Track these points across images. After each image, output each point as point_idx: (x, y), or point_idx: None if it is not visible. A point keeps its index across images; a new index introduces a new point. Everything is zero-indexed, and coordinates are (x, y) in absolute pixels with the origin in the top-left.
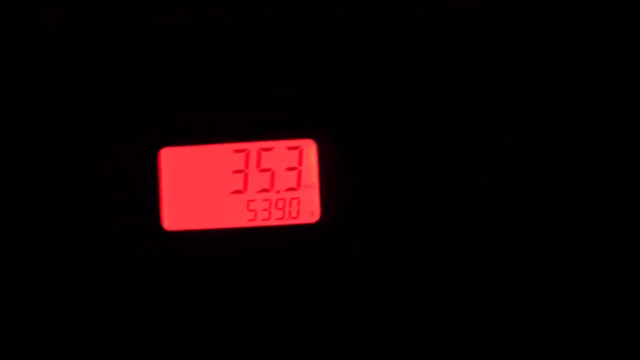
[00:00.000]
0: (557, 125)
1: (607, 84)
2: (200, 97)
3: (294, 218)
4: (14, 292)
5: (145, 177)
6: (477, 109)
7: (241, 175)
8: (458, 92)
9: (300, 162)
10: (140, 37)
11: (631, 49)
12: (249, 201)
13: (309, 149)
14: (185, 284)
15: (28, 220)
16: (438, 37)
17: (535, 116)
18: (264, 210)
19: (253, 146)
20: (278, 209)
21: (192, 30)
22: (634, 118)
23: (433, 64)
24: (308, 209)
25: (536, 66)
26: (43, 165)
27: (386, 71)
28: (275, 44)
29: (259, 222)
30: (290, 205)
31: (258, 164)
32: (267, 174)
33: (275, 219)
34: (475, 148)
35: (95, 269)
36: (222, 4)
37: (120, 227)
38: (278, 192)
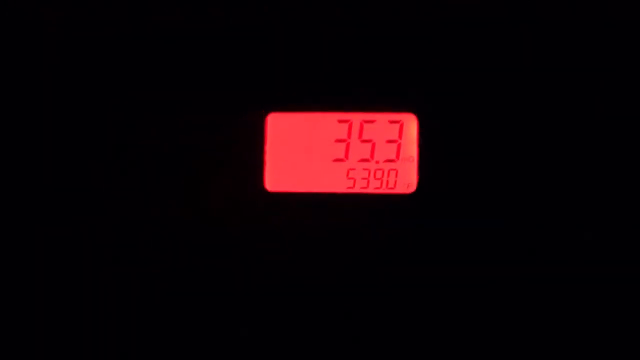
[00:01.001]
0: None
1: (607, 86)
2: (308, 68)
3: (390, 188)
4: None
5: (252, 141)
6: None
7: (343, 145)
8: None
9: (400, 136)
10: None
11: (631, 49)
12: (349, 169)
13: (410, 123)
14: (282, 243)
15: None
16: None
17: None
18: (363, 179)
19: (356, 117)
20: (376, 179)
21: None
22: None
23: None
24: (405, 180)
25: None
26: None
27: (490, 51)
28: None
29: (357, 190)
30: (389, 175)
31: (360, 135)
32: (368, 145)
33: (373, 188)
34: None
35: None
36: None
37: (226, 188)
38: (377, 162)
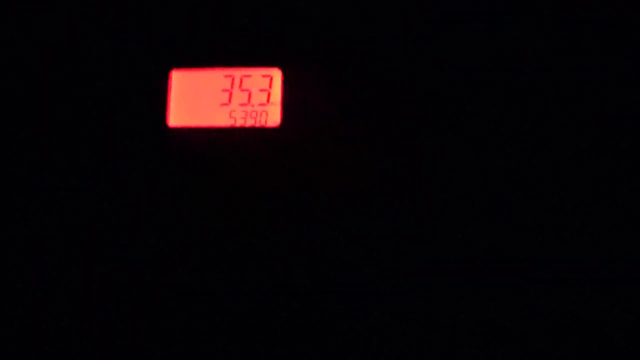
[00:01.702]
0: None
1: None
2: (205, 33)
3: (262, 124)
4: None
5: (159, 91)
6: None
7: (227, 93)
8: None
9: (270, 86)
10: None
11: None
12: (231, 111)
13: (276, 76)
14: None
15: None
16: None
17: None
18: (242, 118)
19: (237, 72)
20: (251, 118)
21: None
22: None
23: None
24: (273, 118)
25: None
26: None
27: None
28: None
29: (237, 125)
30: (261, 115)
31: (240, 86)
32: (246, 93)
33: (249, 124)
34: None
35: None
36: None
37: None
38: (252, 105)
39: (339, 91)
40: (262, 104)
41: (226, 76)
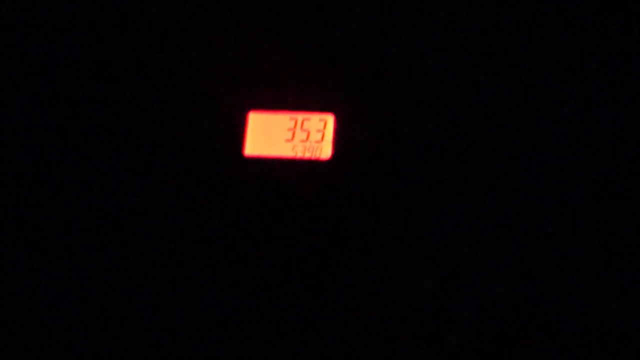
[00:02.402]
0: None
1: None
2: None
3: (317, 157)
4: None
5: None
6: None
7: (291, 131)
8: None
9: (324, 127)
10: None
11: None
12: (293, 146)
13: (330, 119)
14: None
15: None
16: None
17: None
18: (301, 150)
19: (300, 115)
20: (308, 151)
21: None
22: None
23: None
24: (325, 152)
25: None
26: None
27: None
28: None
29: (297, 157)
30: (316, 150)
31: (302, 126)
32: (305, 132)
33: (306, 156)
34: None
35: None
36: None
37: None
38: (310, 142)
39: (382, 134)
40: (317, 142)
41: (291, 119)
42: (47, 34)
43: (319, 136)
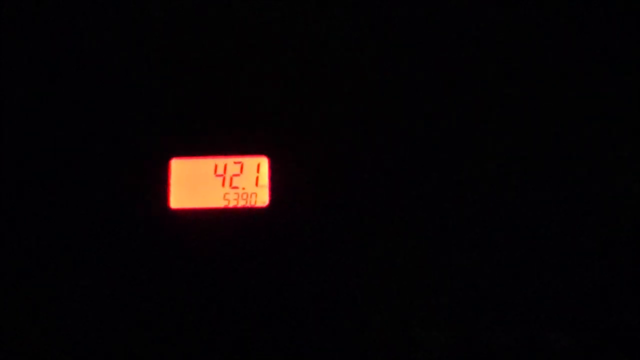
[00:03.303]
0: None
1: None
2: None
3: (252, 205)
4: None
5: (161, 176)
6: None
7: (221, 178)
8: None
9: (258, 170)
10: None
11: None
12: (225, 193)
13: (264, 163)
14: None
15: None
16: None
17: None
18: (234, 199)
19: (229, 160)
20: (243, 199)
21: None
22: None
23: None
24: (261, 199)
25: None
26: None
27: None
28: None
29: (231, 206)
30: (250, 197)
31: (232, 172)
32: (238, 177)
33: (240, 205)
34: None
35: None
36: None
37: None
38: (244, 188)
39: (318, 175)
40: (251, 188)
41: (218, 164)
42: None
43: (252, 182)
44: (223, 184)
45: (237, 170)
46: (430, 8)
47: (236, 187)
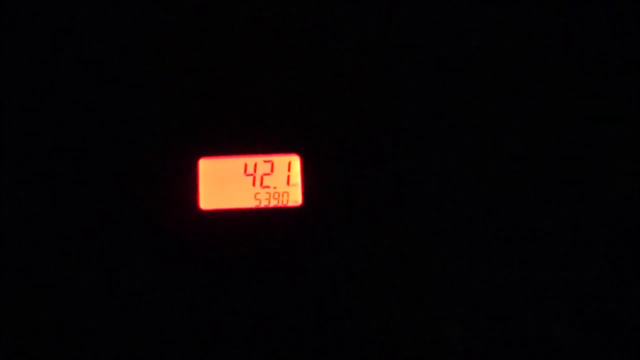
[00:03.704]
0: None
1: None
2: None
3: (284, 204)
4: None
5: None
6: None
7: (251, 177)
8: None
9: (289, 169)
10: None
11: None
12: (255, 193)
13: (295, 161)
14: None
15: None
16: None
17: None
18: (265, 199)
19: (259, 158)
20: (274, 199)
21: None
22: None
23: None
24: (293, 198)
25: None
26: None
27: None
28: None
29: (262, 206)
30: (282, 196)
31: (263, 170)
32: (269, 176)
33: (272, 204)
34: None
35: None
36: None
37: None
38: (275, 188)
39: (352, 173)
40: (283, 187)
41: (248, 163)
42: None
43: (284, 180)
44: (253, 184)
45: (268, 169)
46: None
47: (267, 187)
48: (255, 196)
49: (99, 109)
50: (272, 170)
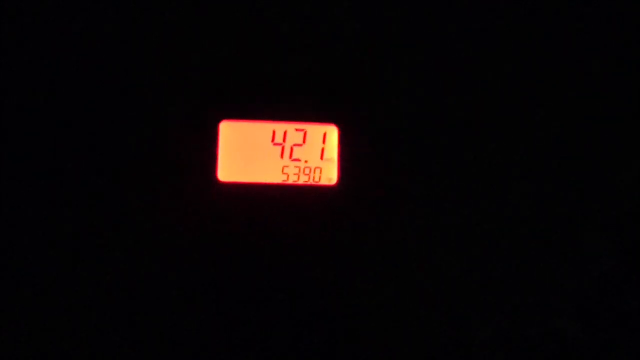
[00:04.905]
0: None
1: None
2: (255, 86)
3: (316, 182)
4: None
5: (208, 143)
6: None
7: (280, 147)
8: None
9: (324, 142)
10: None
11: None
12: (284, 167)
13: (332, 133)
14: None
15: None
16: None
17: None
18: (295, 174)
19: (290, 126)
20: (305, 174)
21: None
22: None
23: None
24: (327, 175)
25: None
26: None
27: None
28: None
29: (290, 182)
30: (314, 172)
31: (293, 141)
32: (300, 148)
33: (302, 181)
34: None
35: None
36: None
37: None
38: (306, 162)
39: (396, 150)
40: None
41: (277, 130)
42: None
43: (317, 154)
44: (282, 155)
45: (300, 140)
46: None
47: (297, 160)
48: (282, 170)
49: (112, 65)
50: (304, 141)
